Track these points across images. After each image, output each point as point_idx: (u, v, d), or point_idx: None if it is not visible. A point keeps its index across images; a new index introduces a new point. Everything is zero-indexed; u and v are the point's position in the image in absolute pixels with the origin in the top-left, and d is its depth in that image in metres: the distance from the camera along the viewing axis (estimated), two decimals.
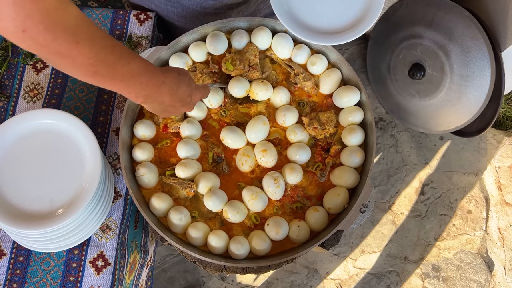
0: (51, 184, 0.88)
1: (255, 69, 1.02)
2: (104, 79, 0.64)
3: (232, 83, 1.01)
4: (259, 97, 1.02)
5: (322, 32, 0.99)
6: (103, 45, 0.60)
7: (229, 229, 0.97)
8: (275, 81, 1.05)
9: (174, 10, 1.13)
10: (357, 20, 0.98)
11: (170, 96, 0.78)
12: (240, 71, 1.01)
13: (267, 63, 1.05)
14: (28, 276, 0.94)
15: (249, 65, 1.02)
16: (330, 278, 1.73)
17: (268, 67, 1.05)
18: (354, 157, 0.98)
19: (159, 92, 0.74)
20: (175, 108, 0.82)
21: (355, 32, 0.96)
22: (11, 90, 1.07)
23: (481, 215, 1.80)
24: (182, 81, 0.79)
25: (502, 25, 1.39)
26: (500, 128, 1.90)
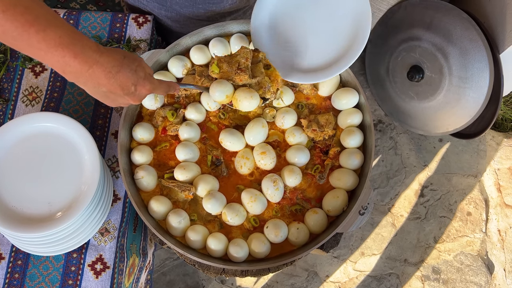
0: (50, 187, 0.88)
1: (244, 72, 0.92)
2: (17, 43, 0.60)
3: (213, 86, 0.92)
4: (241, 107, 0.93)
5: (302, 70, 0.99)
6: (14, 4, 0.56)
7: (228, 231, 0.96)
8: (268, 89, 0.95)
9: (168, 14, 1.13)
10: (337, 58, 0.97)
11: (107, 80, 0.70)
12: (226, 73, 0.93)
13: (259, 68, 0.96)
14: (26, 279, 0.94)
15: (238, 67, 0.93)
16: (330, 281, 1.73)
17: (260, 73, 0.95)
18: (353, 159, 0.97)
19: (91, 72, 0.67)
20: (117, 95, 0.74)
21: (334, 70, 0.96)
22: (9, 93, 1.07)
23: (481, 217, 1.80)
24: (125, 65, 0.72)
25: (501, 27, 1.39)
26: (499, 130, 1.90)
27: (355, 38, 0.95)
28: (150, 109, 1.03)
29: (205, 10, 1.10)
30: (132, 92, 0.75)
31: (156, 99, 1.01)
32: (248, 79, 0.93)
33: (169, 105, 1.03)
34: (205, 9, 1.10)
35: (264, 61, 0.97)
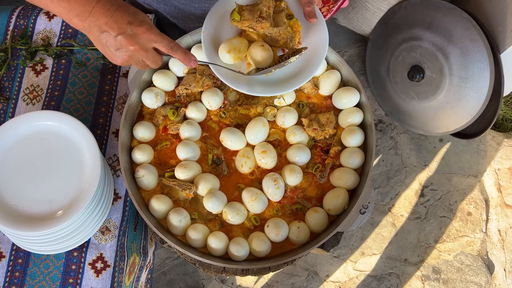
0: (51, 186, 0.88)
1: (265, 19, 0.89)
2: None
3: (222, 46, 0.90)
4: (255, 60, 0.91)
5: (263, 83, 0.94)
6: None
7: (228, 230, 0.96)
8: (290, 39, 0.91)
9: (167, 9, 1.13)
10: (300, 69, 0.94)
11: (106, 19, 0.72)
12: (248, 22, 0.89)
13: (282, 17, 0.92)
14: (27, 278, 0.94)
15: (260, 15, 0.89)
16: (330, 280, 1.73)
17: (282, 22, 0.91)
18: (354, 158, 0.97)
19: (94, 12, 0.72)
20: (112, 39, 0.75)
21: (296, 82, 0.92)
22: (10, 92, 1.07)
23: (481, 217, 1.80)
24: (124, 6, 0.74)
25: (501, 27, 1.39)
26: (499, 130, 1.90)
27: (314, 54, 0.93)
28: (151, 108, 1.03)
29: (201, 10, 1.10)
30: (128, 32, 0.74)
31: (157, 98, 1.01)
32: (269, 28, 0.90)
33: (170, 104, 1.03)
34: (201, 9, 1.10)
35: (286, 11, 0.93)
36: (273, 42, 0.92)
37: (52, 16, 1.12)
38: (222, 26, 0.95)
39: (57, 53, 1.10)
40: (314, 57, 0.93)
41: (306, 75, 0.91)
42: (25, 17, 1.12)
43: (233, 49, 0.90)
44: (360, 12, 1.66)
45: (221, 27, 0.95)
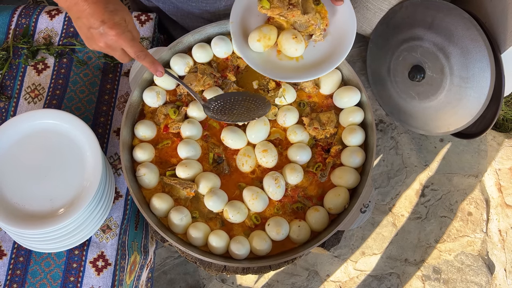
0: (52, 184, 0.88)
1: (295, 7, 0.89)
2: None
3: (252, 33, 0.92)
4: (287, 52, 0.93)
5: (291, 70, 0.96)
6: None
7: (229, 229, 0.96)
8: (318, 26, 0.92)
9: (166, 7, 1.13)
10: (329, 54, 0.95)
11: (83, 7, 0.73)
12: (279, 9, 0.90)
13: (310, 3, 0.92)
14: (28, 276, 0.94)
15: (289, 2, 0.90)
16: (330, 280, 1.73)
17: (311, 9, 0.92)
18: (355, 157, 0.98)
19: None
20: (84, 28, 0.76)
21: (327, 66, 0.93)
22: (12, 90, 1.07)
23: (482, 217, 1.80)
24: (105, 1, 0.75)
25: (502, 27, 1.39)
26: (500, 130, 1.90)
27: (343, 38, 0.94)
28: (152, 107, 1.03)
29: (199, 9, 1.10)
30: (99, 30, 0.76)
31: (158, 96, 1.01)
32: (300, 15, 0.91)
33: (171, 102, 1.04)
34: (199, 8, 1.10)
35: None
36: (301, 28, 0.93)
37: (54, 15, 1.13)
38: (249, 14, 0.96)
39: (59, 52, 1.10)
40: (344, 39, 0.94)
41: (338, 58, 0.92)
42: (26, 16, 1.12)
43: (263, 37, 0.92)
44: (361, 12, 1.66)
45: (248, 15, 0.96)
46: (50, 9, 1.14)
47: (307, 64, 0.95)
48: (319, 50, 0.95)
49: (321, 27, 0.94)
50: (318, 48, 0.96)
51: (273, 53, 0.95)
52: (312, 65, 0.94)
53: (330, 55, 0.94)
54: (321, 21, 0.93)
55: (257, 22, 0.96)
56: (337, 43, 0.95)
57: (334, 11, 0.96)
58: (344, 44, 0.93)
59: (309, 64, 0.95)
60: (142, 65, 1.01)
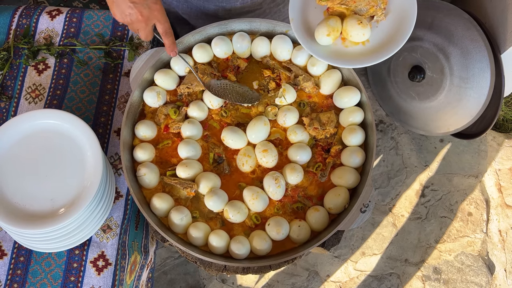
0: (53, 184, 0.88)
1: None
2: None
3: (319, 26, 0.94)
4: (354, 38, 0.94)
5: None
6: None
7: (230, 229, 0.97)
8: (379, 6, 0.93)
9: (179, 5, 1.13)
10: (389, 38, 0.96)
11: None
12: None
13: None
14: (29, 276, 0.94)
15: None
16: (330, 280, 1.73)
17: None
18: (355, 157, 0.98)
19: None
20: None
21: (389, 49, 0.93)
22: (13, 91, 1.07)
23: (482, 218, 1.80)
24: None
25: (502, 27, 1.39)
26: (500, 131, 1.90)
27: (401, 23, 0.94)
28: (153, 107, 1.03)
29: (215, 6, 1.10)
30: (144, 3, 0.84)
31: (159, 97, 1.02)
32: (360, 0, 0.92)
33: (171, 102, 1.04)
34: (215, 4, 1.10)
35: None
36: (362, 12, 0.94)
37: (55, 15, 1.13)
38: (307, 8, 0.97)
39: (59, 52, 1.10)
40: (406, 13, 0.94)
41: (404, 34, 0.92)
42: (27, 17, 1.13)
43: (332, 30, 0.93)
44: None
45: (306, 9, 0.97)
46: (50, 10, 1.14)
47: (374, 46, 0.96)
48: (383, 30, 0.96)
49: (382, 6, 0.94)
50: (381, 28, 0.96)
51: (338, 42, 0.96)
52: (379, 47, 0.95)
53: (395, 34, 0.95)
54: (381, 1, 0.94)
55: (317, 15, 0.97)
56: (399, 19, 0.95)
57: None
58: (407, 20, 0.93)
59: (376, 46, 0.95)
60: (143, 66, 1.01)
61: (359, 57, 0.95)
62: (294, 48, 1.05)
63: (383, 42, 0.95)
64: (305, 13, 0.97)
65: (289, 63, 1.06)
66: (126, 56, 1.11)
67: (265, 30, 1.07)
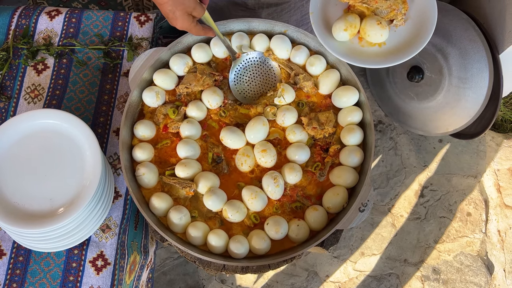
0: (52, 184, 0.88)
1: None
2: None
3: (336, 23, 0.95)
4: (372, 38, 0.95)
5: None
6: None
7: (228, 228, 0.97)
8: (400, 11, 0.94)
9: None
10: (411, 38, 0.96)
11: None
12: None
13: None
14: (28, 276, 0.94)
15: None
16: (330, 280, 1.73)
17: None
18: (353, 157, 0.98)
19: None
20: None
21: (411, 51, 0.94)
22: (12, 91, 1.07)
23: (481, 218, 1.80)
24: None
25: (500, 27, 1.40)
26: (498, 131, 1.90)
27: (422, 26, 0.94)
28: (152, 107, 1.03)
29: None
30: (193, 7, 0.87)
31: (158, 96, 1.02)
32: (382, 1, 0.92)
33: (170, 102, 1.04)
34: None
35: None
36: (383, 13, 0.95)
37: (54, 16, 1.13)
38: (328, 4, 0.97)
39: (59, 52, 1.10)
40: (425, 22, 0.94)
41: (421, 42, 0.93)
42: (26, 17, 1.13)
43: (349, 26, 0.94)
44: None
45: (327, 4, 0.97)
46: (50, 10, 1.14)
47: (389, 49, 0.96)
48: (400, 34, 0.96)
49: (402, 11, 0.95)
50: (399, 33, 0.97)
51: (355, 40, 0.97)
52: (395, 50, 0.96)
53: (412, 39, 0.95)
54: (402, 6, 0.94)
55: (337, 11, 0.98)
56: (418, 26, 0.95)
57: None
58: (425, 28, 0.94)
59: (391, 49, 0.96)
60: (142, 66, 1.02)
61: (373, 57, 0.96)
62: (293, 48, 1.06)
63: (399, 46, 0.96)
64: (325, 8, 0.98)
65: (289, 62, 1.06)
66: (125, 56, 1.11)
67: (263, 30, 1.07)
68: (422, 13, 0.96)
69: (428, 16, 0.95)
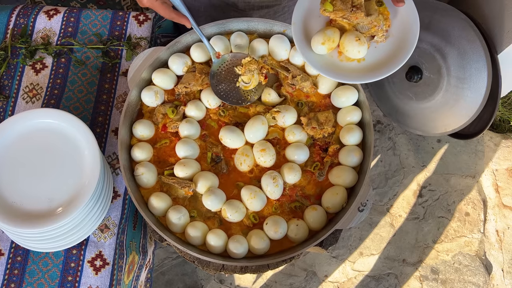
0: (50, 183, 0.88)
1: (359, 9, 0.89)
2: None
3: (315, 36, 0.93)
4: (350, 54, 0.92)
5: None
6: None
7: (227, 228, 0.97)
8: (381, 27, 0.92)
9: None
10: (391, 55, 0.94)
11: None
12: (342, 12, 0.89)
13: (372, 5, 0.92)
14: (26, 276, 0.94)
15: (352, 4, 0.89)
16: (328, 281, 1.73)
17: (374, 10, 0.91)
18: (352, 156, 0.98)
19: None
20: None
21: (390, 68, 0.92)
22: (10, 90, 1.07)
23: (479, 218, 1.80)
24: None
25: (498, 27, 1.40)
26: (497, 131, 1.91)
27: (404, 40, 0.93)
28: (151, 106, 1.03)
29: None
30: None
31: (157, 96, 1.02)
32: (363, 17, 0.90)
33: (169, 102, 1.04)
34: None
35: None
36: (364, 29, 0.93)
37: (52, 15, 1.13)
38: (311, 16, 0.96)
39: (57, 51, 1.10)
40: (406, 40, 0.93)
41: (400, 60, 0.91)
42: (25, 16, 1.13)
43: (328, 40, 0.92)
44: None
45: (310, 17, 0.96)
46: (48, 9, 1.14)
47: (368, 65, 0.94)
48: (381, 51, 0.95)
49: (384, 28, 0.93)
50: (379, 50, 0.95)
51: (334, 54, 0.95)
52: (374, 67, 0.94)
53: (392, 57, 0.94)
54: (383, 23, 0.93)
55: (318, 24, 0.96)
56: (398, 44, 0.94)
57: (396, 12, 0.95)
58: (406, 46, 0.93)
59: (370, 66, 0.94)
60: (140, 65, 1.01)
61: (351, 73, 0.94)
62: (292, 48, 1.06)
63: (377, 63, 0.94)
64: (307, 20, 0.96)
65: (287, 62, 1.06)
66: (124, 55, 1.11)
67: (262, 30, 1.07)
68: (404, 32, 0.94)
69: (409, 35, 0.93)
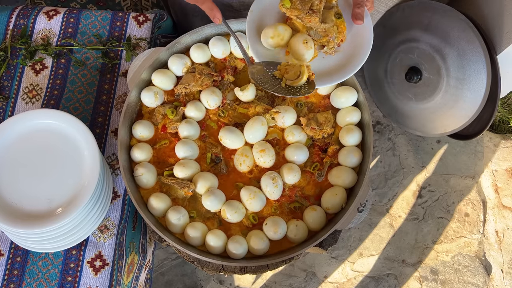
0: (50, 184, 0.88)
1: (315, 13, 0.89)
2: None
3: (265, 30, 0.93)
4: (294, 55, 0.93)
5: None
6: None
7: (227, 228, 0.97)
8: (332, 39, 0.93)
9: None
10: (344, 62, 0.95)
11: None
12: (298, 11, 0.89)
13: (330, 15, 0.92)
14: (25, 276, 0.94)
15: (310, 7, 0.89)
16: (328, 281, 1.73)
17: (330, 20, 0.92)
18: (352, 157, 0.98)
19: None
20: None
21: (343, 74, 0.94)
22: (10, 91, 1.07)
23: (479, 218, 1.80)
24: None
25: (497, 28, 1.40)
26: (496, 132, 1.91)
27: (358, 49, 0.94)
28: (150, 107, 1.03)
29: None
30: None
31: (156, 97, 1.02)
32: (317, 23, 0.90)
33: (169, 103, 1.04)
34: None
35: (336, 9, 0.94)
36: (316, 36, 0.93)
37: (52, 15, 1.13)
38: (270, 10, 0.96)
39: (57, 52, 1.10)
40: (353, 60, 0.94)
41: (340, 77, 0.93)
42: (24, 17, 1.13)
43: (277, 35, 0.93)
44: None
45: (269, 10, 0.96)
46: (48, 10, 1.14)
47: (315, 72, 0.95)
48: (326, 63, 0.95)
49: (336, 41, 0.94)
50: (326, 61, 0.96)
51: (281, 52, 0.96)
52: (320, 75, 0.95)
53: (335, 71, 0.94)
54: (336, 35, 0.93)
55: (275, 19, 0.97)
56: (345, 62, 0.95)
57: (353, 31, 0.95)
58: (351, 65, 0.94)
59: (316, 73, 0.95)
60: (140, 66, 1.02)
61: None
62: None
63: (319, 74, 0.95)
64: (266, 12, 0.97)
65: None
66: (124, 56, 1.11)
67: None
68: (355, 51, 0.94)
69: (358, 57, 0.94)
